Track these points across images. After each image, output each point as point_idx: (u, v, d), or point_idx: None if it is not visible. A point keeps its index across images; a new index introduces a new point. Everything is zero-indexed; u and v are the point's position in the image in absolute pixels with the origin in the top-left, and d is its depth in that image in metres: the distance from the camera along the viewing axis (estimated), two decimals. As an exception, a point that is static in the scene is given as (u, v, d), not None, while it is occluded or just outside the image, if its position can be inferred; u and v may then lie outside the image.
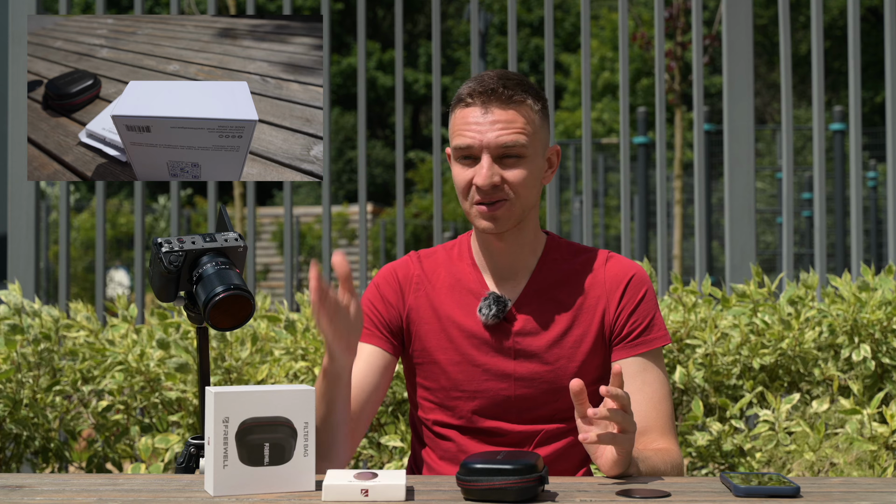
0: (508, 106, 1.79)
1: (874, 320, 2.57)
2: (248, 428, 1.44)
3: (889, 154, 3.67)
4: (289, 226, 3.87)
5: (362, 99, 3.86)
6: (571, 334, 1.84)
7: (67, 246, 3.83)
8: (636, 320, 1.84)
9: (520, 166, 1.79)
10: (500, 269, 1.88)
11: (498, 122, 1.78)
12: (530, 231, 1.87)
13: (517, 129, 1.78)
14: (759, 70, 22.99)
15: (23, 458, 2.77)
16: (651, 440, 1.79)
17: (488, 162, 1.78)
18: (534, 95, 1.82)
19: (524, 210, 1.82)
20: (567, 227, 15.15)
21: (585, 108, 3.76)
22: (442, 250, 1.95)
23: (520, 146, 1.78)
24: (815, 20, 3.69)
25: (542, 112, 1.83)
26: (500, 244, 1.86)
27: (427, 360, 1.87)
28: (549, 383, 1.82)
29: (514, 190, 1.79)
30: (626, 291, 1.85)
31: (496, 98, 1.79)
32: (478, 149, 1.79)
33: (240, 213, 10.44)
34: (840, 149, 10.27)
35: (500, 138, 1.78)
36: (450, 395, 1.85)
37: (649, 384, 1.82)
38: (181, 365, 2.59)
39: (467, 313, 1.86)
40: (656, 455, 1.72)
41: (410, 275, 1.92)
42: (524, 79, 1.84)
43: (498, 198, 1.79)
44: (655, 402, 1.81)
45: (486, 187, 1.77)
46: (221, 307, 1.59)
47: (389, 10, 29.04)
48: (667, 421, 1.82)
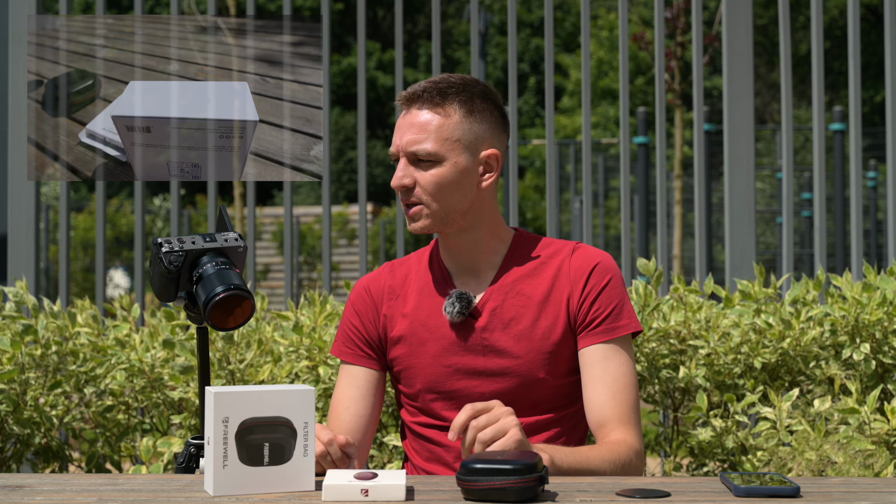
0: (426, 108, 1.82)
1: (874, 321, 2.57)
2: (247, 428, 1.44)
3: (889, 154, 3.67)
4: (289, 226, 3.87)
5: (362, 99, 3.86)
6: (539, 326, 1.84)
7: (67, 246, 3.83)
8: (599, 307, 1.84)
9: (433, 170, 1.81)
10: (463, 268, 1.90)
11: (413, 126, 1.82)
12: (484, 230, 1.88)
13: (427, 134, 1.80)
14: (759, 70, 22.99)
15: (23, 458, 2.77)
16: (608, 431, 1.79)
17: (402, 164, 1.83)
18: (463, 99, 1.82)
19: (446, 212, 1.83)
20: (567, 227, 15.15)
21: (585, 108, 3.76)
22: (414, 257, 1.98)
23: (425, 153, 1.80)
24: (815, 20, 3.69)
25: (471, 115, 1.83)
26: (454, 243, 1.89)
27: (403, 365, 1.89)
28: (521, 377, 1.83)
29: (427, 193, 1.81)
30: (590, 279, 1.85)
31: (416, 101, 1.83)
32: (397, 152, 1.85)
33: (240, 213, 10.44)
34: (840, 149, 10.27)
35: (409, 142, 1.82)
36: (427, 398, 1.87)
37: (610, 373, 1.81)
38: (186, 368, 2.59)
39: (435, 314, 1.87)
40: (594, 451, 1.71)
41: (382, 287, 1.94)
42: (463, 82, 1.85)
43: (412, 201, 1.83)
44: (615, 390, 1.80)
45: (396, 188, 1.83)
46: (221, 307, 1.59)
47: (389, 10, 29.03)
48: (626, 410, 1.80)
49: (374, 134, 27.62)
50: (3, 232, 3.81)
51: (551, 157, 3.74)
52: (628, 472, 1.74)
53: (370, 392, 1.91)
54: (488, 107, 1.85)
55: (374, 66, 27.43)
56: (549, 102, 3.80)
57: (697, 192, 3.85)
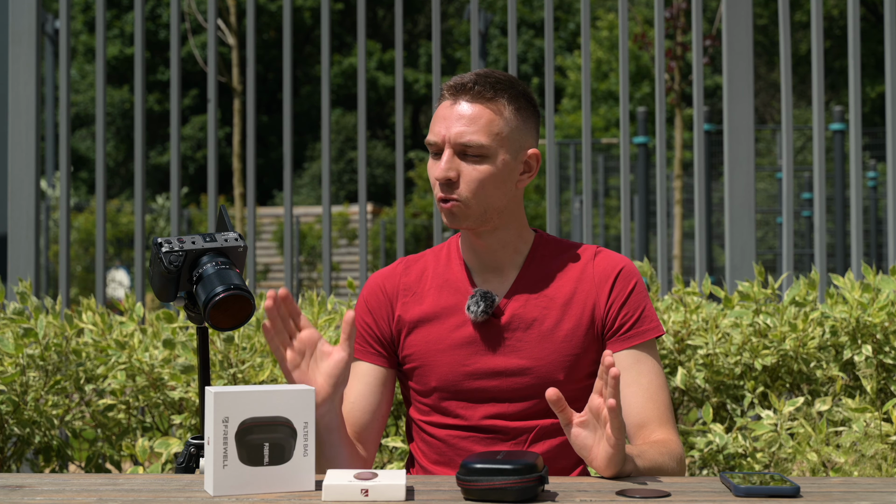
0: (477, 102, 1.78)
1: (877, 322, 2.57)
2: (247, 428, 1.44)
3: (889, 154, 3.67)
4: (289, 226, 3.88)
5: (362, 99, 3.86)
6: (561, 328, 1.83)
7: (67, 246, 3.83)
8: (627, 313, 1.84)
9: (480, 164, 1.78)
10: (486, 267, 1.88)
11: (463, 118, 1.78)
12: (512, 230, 1.87)
13: (479, 127, 1.77)
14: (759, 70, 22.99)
15: (23, 457, 2.77)
16: (650, 432, 1.79)
17: (448, 155, 1.79)
18: (511, 95, 1.80)
19: (485, 209, 1.80)
20: (567, 227, 15.15)
21: (585, 108, 3.76)
22: (430, 253, 1.95)
23: (477, 145, 1.77)
24: (815, 20, 3.69)
25: (518, 112, 1.81)
26: (480, 242, 1.86)
27: (417, 363, 1.87)
28: (540, 378, 1.81)
29: (469, 188, 1.78)
30: (616, 284, 1.85)
31: (466, 93, 1.79)
32: (441, 143, 1.80)
33: (240, 213, 10.44)
34: (840, 149, 10.27)
35: (459, 134, 1.78)
36: (442, 397, 1.85)
37: (644, 375, 1.81)
38: (187, 367, 2.59)
39: (455, 312, 1.85)
40: (653, 448, 1.71)
41: (397, 284, 1.91)
42: (509, 79, 1.83)
43: (452, 196, 1.79)
44: (651, 392, 1.80)
45: (441, 180, 1.78)
46: (221, 307, 1.59)
47: (389, 10, 29.03)
48: (664, 411, 1.81)
49: (374, 134, 27.63)
50: (3, 232, 3.81)
51: (551, 157, 3.74)
52: (678, 465, 1.74)
53: (378, 389, 1.88)
54: (531, 106, 1.84)
55: (375, 67, 27.44)
56: (549, 103, 3.80)
57: (697, 192, 3.85)
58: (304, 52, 27.83)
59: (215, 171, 3.87)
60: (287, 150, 3.86)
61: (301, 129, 26.24)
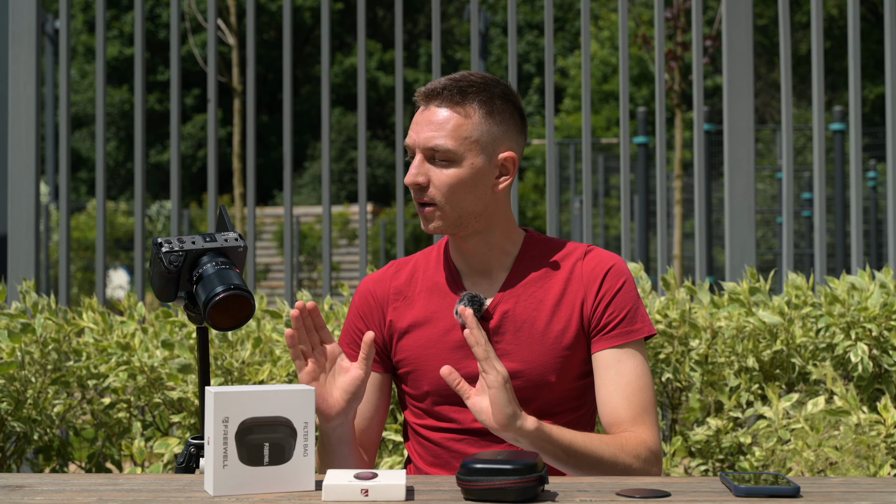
0: (445, 106, 1.78)
1: (871, 317, 2.57)
2: (247, 428, 1.44)
3: (889, 154, 3.67)
4: (289, 226, 3.88)
5: (363, 99, 3.86)
6: (552, 330, 1.82)
7: (67, 246, 3.83)
8: (613, 311, 1.82)
9: (447, 168, 1.78)
10: (474, 270, 1.87)
11: (431, 123, 1.78)
12: (497, 232, 1.85)
13: (446, 132, 1.77)
14: (759, 70, 22.99)
15: (23, 457, 2.77)
16: (621, 430, 1.77)
17: (418, 161, 1.79)
18: (484, 98, 1.79)
19: (459, 214, 1.79)
20: (567, 227, 15.15)
21: (585, 108, 3.76)
22: (420, 256, 1.94)
23: (444, 150, 1.77)
24: (815, 20, 3.69)
25: (490, 116, 1.79)
26: (466, 245, 1.85)
27: (410, 367, 1.87)
28: (532, 380, 1.80)
29: (441, 193, 1.78)
30: (604, 283, 1.83)
31: (435, 98, 1.79)
32: (412, 148, 1.81)
33: (240, 213, 10.44)
34: (840, 149, 10.27)
35: (427, 139, 1.78)
36: (434, 401, 1.85)
37: (624, 375, 1.79)
38: (184, 366, 2.59)
39: (445, 316, 1.84)
40: (600, 440, 1.69)
41: (387, 289, 1.91)
42: (484, 82, 1.81)
43: (425, 200, 1.79)
44: (628, 393, 1.78)
45: (411, 185, 1.79)
46: (221, 307, 1.59)
47: (389, 10, 29.03)
48: (639, 412, 1.78)
49: (374, 134, 27.62)
50: (3, 232, 3.81)
51: (551, 157, 3.74)
52: (640, 463, 1.72)
53: (375, 394, 1.88)
54: (508, 108, 1.81)
55: (375, 67, 27.44)
56: (549, 102, 3.80)
57: (697, 192, 3.85)
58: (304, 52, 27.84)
59: (215, 170, 3.87)
60: (287, 149, 3.86)
61: (301, 129, 26.25)
